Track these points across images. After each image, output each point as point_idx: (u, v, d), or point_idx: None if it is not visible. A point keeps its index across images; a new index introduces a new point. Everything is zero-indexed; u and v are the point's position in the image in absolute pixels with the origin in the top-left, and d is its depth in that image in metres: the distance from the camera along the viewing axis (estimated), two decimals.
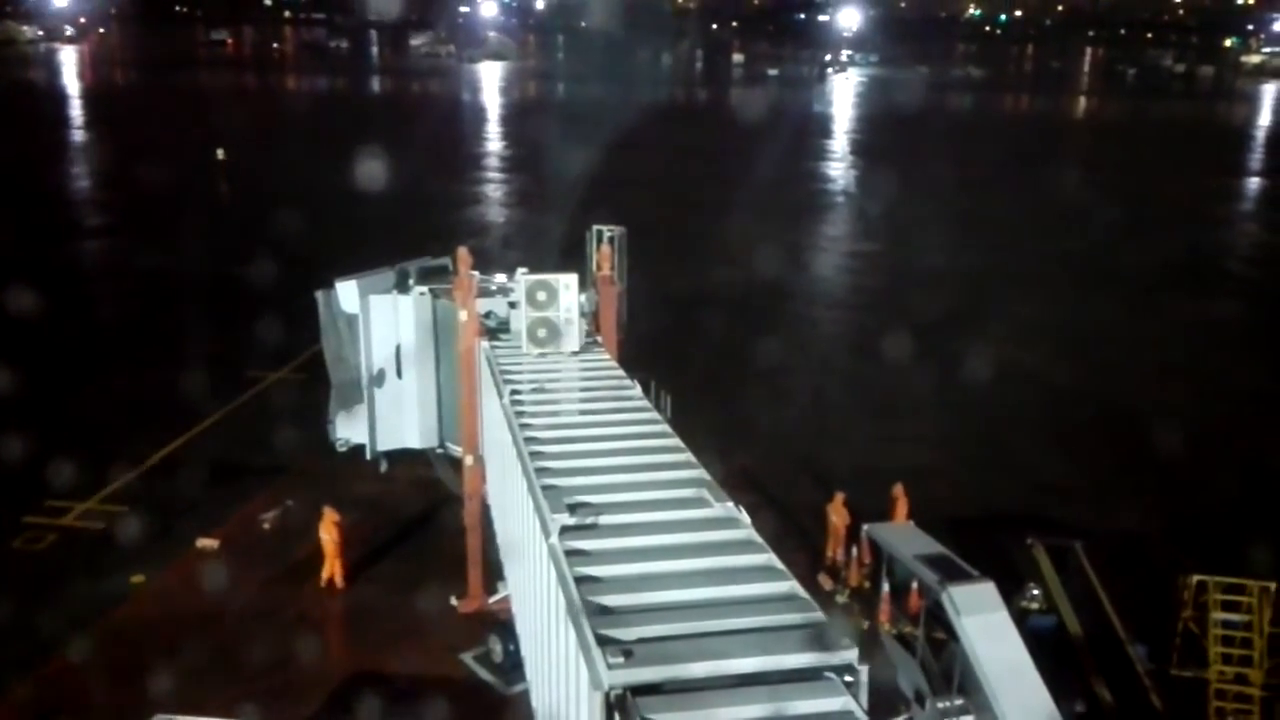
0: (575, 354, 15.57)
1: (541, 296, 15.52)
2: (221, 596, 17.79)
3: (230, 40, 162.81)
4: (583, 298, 16.02)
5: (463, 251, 16.79)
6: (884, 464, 21.22)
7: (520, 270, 16.40)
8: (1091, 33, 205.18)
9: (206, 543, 19.62)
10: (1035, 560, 19.36)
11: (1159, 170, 59.98)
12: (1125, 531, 20.23)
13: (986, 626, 12.72)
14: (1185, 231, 47.17)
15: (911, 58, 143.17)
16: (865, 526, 16.64)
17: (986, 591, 13.13)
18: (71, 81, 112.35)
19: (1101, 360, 30.03)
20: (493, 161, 66.90)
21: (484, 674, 16.22)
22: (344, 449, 18.57)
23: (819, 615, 8.26)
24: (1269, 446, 24.32)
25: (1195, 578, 16.47)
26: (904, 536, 15.44)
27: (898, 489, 19.05)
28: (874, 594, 17.48)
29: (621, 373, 14.83)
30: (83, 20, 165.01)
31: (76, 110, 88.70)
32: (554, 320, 15.53)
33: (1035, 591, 17.89)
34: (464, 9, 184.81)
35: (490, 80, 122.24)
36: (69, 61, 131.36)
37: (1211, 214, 53.56)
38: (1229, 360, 30.43)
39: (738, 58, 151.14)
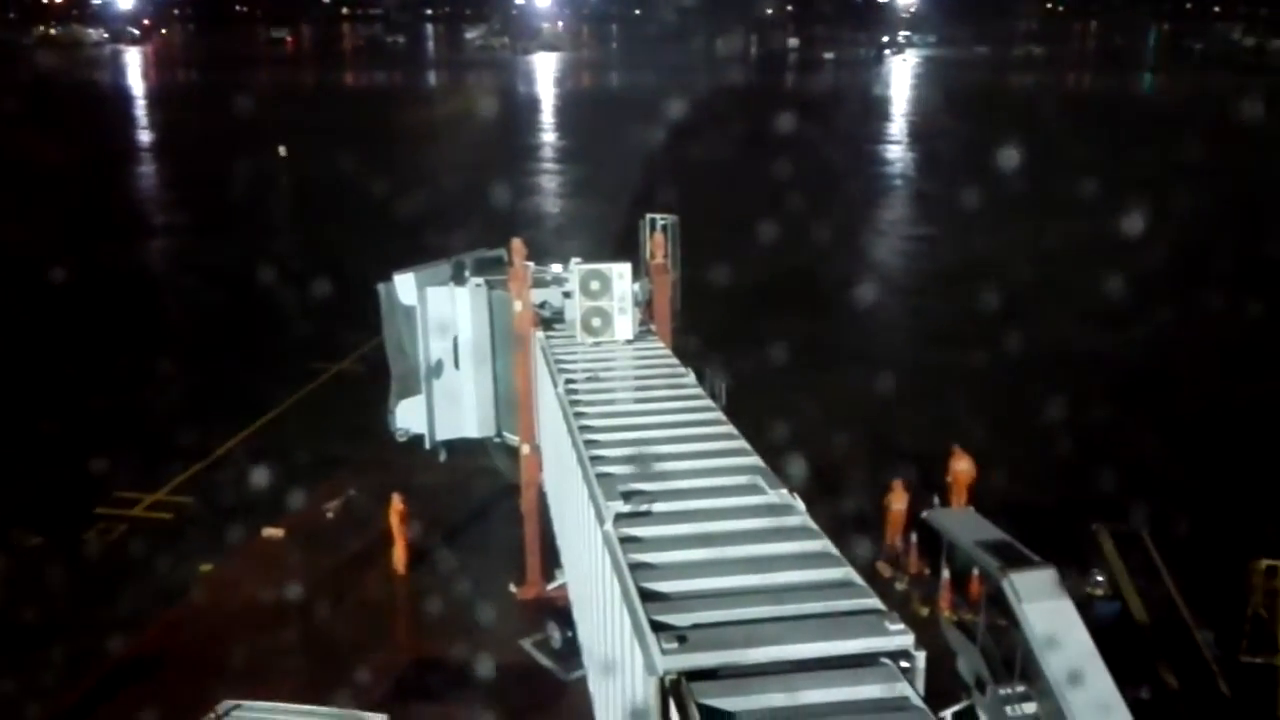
0: (629, 342, 15.63)
1: (595, 286, 15.59)
2: (286, 584, 18.11)
3: (290, 38, 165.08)
4: (636, 286, 16.08)
5: (517, 242, 16.91)
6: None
7: (574, 260, 16.47)
8: (1156, 6, 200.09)
9: (272, 532, 20.01)
10: (1100, 545, 19.07)
11: (1229, 149, 58.36)
12: (1193, 516, 19.80)
13: (1049, 612, 12.60)
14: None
15: (970, 37, 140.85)
16: (924, 513, 16.56)
17: (1048, 578, 13.00)
18: (136, 82, 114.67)
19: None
20: (547, 152, 67.13)
21: (543, 660, 16.37)
22: (404, 439, 18.81)
23: (875, 601, 8.21)
24: None
25: (1265, 562, 16.11)
26: (964, 522, 15.35)
27: (956, 449, 19.02)
28: (934, 580, 17.37)
29: (675, 361, 14.85)
30: (146, 22, 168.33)
31: (141, 110, 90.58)
32: (608, 309, 15.59)
33: (1100, 577, 17.64)
34: (518, 0, 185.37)
35: (544, 71, 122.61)
36: (134, 63, 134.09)
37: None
38: None
39: (792, 41, 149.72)
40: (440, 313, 18.18)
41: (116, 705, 15.36)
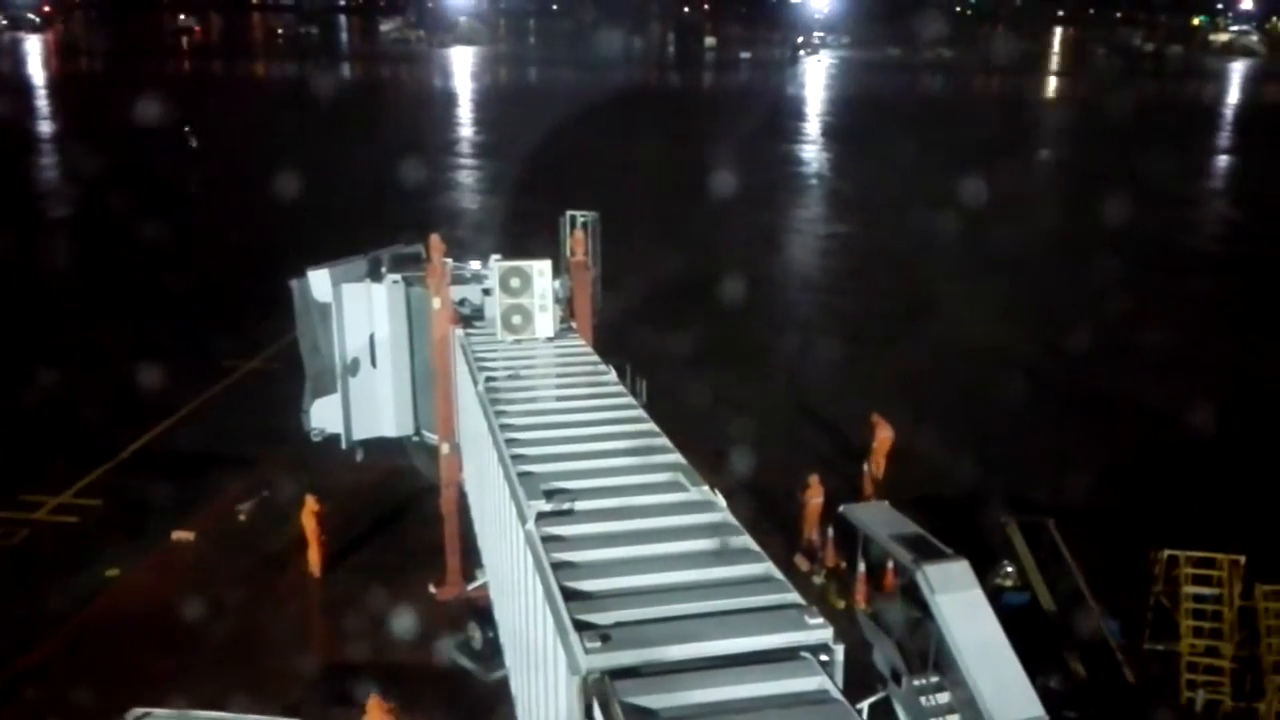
0: (550, 340, 15.57)
1: (515, 283, 15.49)
2: (198, 588, 17.70)
3: (198, 28, 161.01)
4: (557, 283, 16.04)
5: (435, 238, 16.74)
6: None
7: (494, 256, 16.36)
8: (1061, 12, 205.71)
9: (182, 535, 19.52)
10: (1009, 537, 19.54)
11: (1125, 149, 60.30)
12: (1097, 507, 20.42)
13: (961, 604, 12.92)
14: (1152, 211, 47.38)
15: (883, 39, 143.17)
16: (841, 507, 16.82)
17: (960, 569, 13.34)
18: (37, 71, 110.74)
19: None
20: (465, 147, 66.55)
21: (464, 661, 16.23)
22: (319, 438, 18.50)
23: (794, 596, 8.31)
24: None
25: (1166, 552, 16.67)
26: (879, 516, 15.65)
27: (877, 417, 19.57)
28: (850, 574, 17.67)
29: (596, 358, 14.83)
30: (48, 9, 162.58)
31: (43, 100, 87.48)
32: (528, 306, 15.51)
33: (1009, 568, 18.08)
34: None
35: (461, 65, 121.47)
36: (34, 51, 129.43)
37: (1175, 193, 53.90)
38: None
39: (709, 40, 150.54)
40: (356, 309, 17.91)
41: (21, 715, 14.85)
